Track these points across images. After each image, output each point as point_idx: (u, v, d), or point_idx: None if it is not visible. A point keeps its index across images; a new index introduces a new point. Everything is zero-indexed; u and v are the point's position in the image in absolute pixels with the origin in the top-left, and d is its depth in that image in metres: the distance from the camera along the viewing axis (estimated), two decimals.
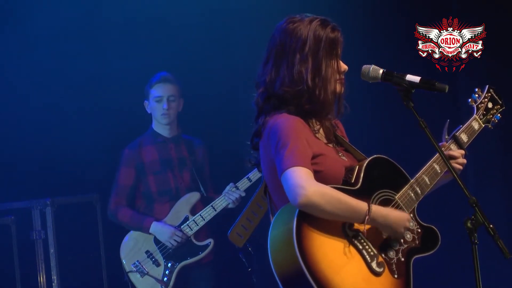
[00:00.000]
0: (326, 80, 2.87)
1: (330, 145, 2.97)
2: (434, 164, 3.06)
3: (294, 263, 2.67)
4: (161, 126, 5.39)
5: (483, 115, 3.31)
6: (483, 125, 3.29)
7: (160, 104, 5.33)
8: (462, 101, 5.66)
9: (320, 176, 2.78)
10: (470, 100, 3.33)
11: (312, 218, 2.72)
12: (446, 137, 3.19)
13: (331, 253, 2.74)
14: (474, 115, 3.29)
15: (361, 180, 2.87)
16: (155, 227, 5.18)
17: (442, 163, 3.05)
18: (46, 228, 5.51)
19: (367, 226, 2.78)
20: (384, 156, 3.00)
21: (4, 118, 5.94)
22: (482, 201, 2.72)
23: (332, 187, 2.78)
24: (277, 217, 2.82)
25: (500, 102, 3.37)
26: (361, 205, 2.77)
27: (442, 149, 3.09)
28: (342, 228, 2.79)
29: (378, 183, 2.92)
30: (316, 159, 2.82)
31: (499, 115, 3.35)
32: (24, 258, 5.44)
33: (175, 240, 5.15)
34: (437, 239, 3.01)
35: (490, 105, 3.34)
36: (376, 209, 2.80)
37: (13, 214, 5.44)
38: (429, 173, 3.05)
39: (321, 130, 2.97)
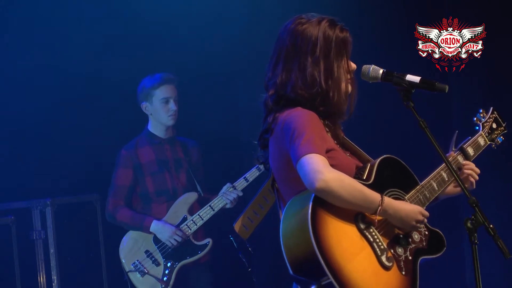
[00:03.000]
0: (338, 82, 2.89)
1: (338, 145, 3.00)
2: (441, 171, 3.12)
3: (308, 248, 2.67)
4: (158, 127, 5.37)
5: (488, 133, 3.43)
6: (488, 142, 3.40)
7: (167, 106, 5.31)
8: (462, 101, 5.68)
9: None
10: (475, 119, 3.46)
11: (327, 205, 2.74)
12: (454, 148, 3.25)
13: (344, 242, 2.75)
14: (481, 132, 3.41)
15: (373, 177, 2.90)
16: (156, 226, 5.18)
17: (449, 174, 3.11)
18: (46, 228, 5.50)
19: (379, 218, 2.80)
20: (395, 157, 3.03)
21: (4, 118, 5.94)
22: (486, 201, 2.73)
23: None
24: (290, 205, 2.83)
25: (503, 125, 3.49)
26: (375, 195, 2.80)
27: (450, 159, 3.20)
28: (355, 218, 2.81)
29: (389, 181, 2.95)
30: (328, 153, 2.84)
31: (502, 137, 3.47)
32: (24, 258, 5.44)
33: (175, 239, 5.15)
34: (442, 243, 3.05)
35: (494, 125, 3.47)
36: (388, 201, 2.82)
37: (13, 214, 5.43)
38: (437, 179, 3.10)
39: (331, 130, 2.99)
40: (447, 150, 3.26)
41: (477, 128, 3.43)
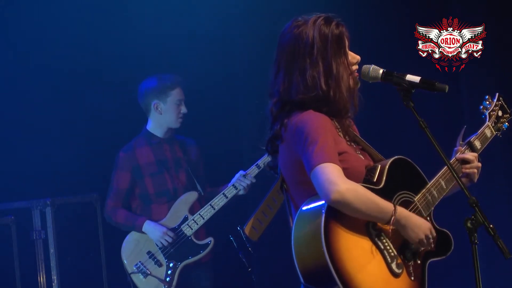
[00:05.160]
0: (338, 80, 2.87)
1: (349, 143, 2.99)
2: None
3: (320, 258, 2.69)
4: (159, 127, 5.34)
5: (495, 123, 3.39)
6: (495, 133, 3.36)
7: (179, 108, 5.30)
8: (462, 101, 5.68)
9: (345, 174, 2.78)
10: (481, 107, 3.41)
11: (339, 214, 2.75)
12: (461, 142, 3.23)
13: (355, 251, 2.76)
14: (487, 123, 3.36)
15: (384, 180, 2.89)
16: (148, 226, 5.18)
17: (457, 169, 3.10)
18: (46, 228, 5.50)
19: (392, 227, 2.80)
20: (405, 157, 3.02)
21: (4, 118, 5.94)
22: (487, 201, 2.73)
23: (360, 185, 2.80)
24: (302, 211, 2.83)
25: (509, 111, 3.44)
26: (388, 205, 2.79)
27: (458, 154, 3.18)
28: (366, 226, 2.81)
29: (399, 184, 2.94)
30: (340, 156, 2.83)
31: (507, 123, 3.42)
32: (24, 258, 5.44)
33: (166, 240, 5.14)
34: (450, 243, 3.04)
35: (500, 113, 3.42)
36: (401, 210, 2.82)
37: (13, 214, 5.44)
38: (445, 177, 3.07)
39: (341, 129, 2.98)
40: (455, 145, 3.25)
41: (484, 116, 3.38)
